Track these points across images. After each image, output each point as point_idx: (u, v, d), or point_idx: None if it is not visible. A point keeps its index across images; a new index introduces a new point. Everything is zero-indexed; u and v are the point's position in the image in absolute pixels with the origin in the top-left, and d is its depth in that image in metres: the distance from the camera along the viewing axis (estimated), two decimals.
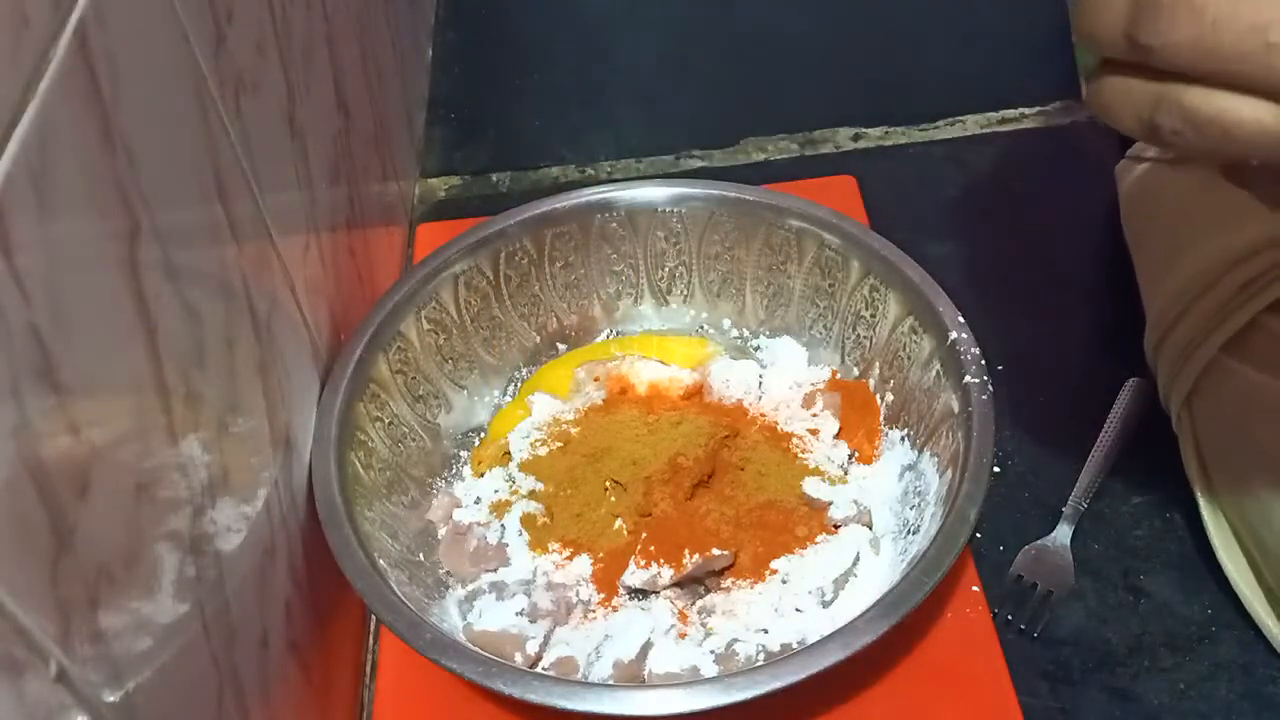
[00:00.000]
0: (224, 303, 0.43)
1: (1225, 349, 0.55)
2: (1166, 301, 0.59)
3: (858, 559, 0.54)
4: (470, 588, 0.56)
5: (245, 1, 0.47)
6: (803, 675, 0.45)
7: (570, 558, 0.56)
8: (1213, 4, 0.30)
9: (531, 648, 0.52)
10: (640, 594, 0.56)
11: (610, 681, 0.51)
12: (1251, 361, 0.54)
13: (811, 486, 0.57)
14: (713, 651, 0.52)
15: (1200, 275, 0.57)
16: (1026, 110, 0.85)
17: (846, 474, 0.60)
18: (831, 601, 0.54)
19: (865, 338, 0.63)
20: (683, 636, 0.54)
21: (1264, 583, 0.55)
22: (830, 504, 0.57)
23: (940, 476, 0.54)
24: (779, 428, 0.61)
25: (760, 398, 0.63)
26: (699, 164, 0.84)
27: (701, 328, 0.69)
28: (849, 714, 0.53)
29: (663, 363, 0.64)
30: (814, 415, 0.61)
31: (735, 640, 0.52)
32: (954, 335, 0.56)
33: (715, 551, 0.55)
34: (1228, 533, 0.57)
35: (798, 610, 0.53)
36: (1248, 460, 0.55)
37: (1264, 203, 0.37)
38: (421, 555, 0.57)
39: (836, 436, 0.61)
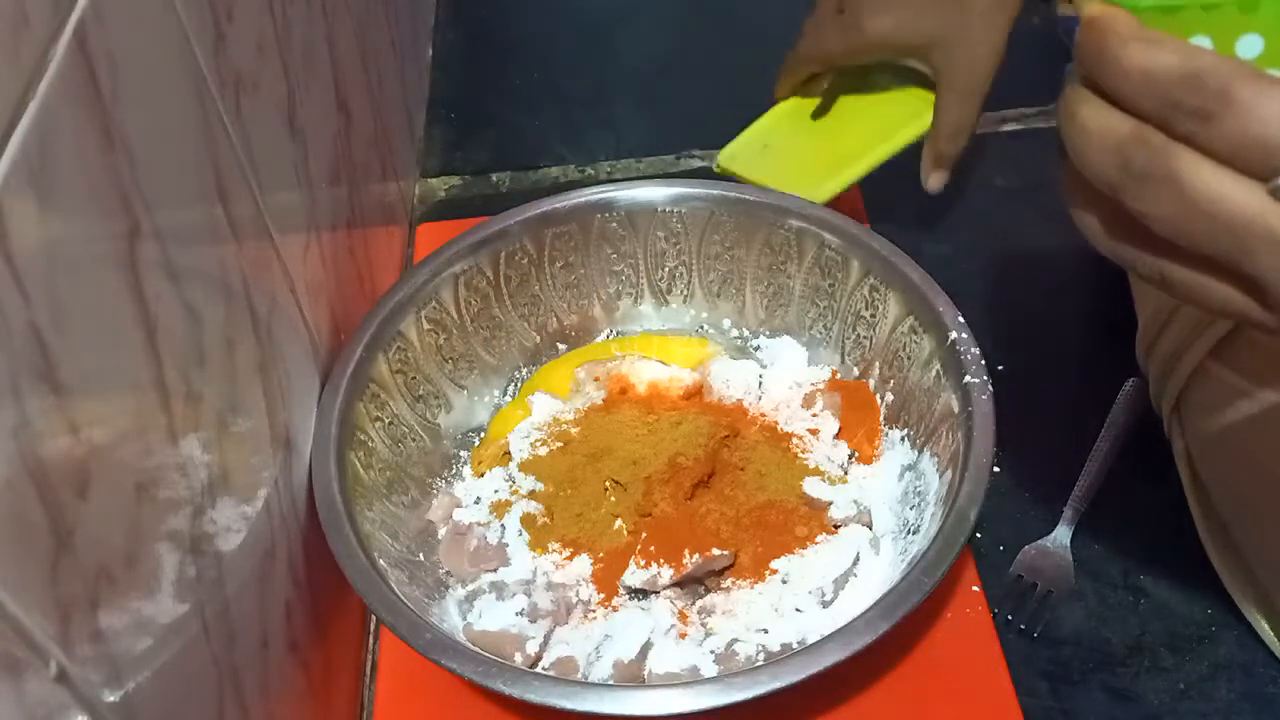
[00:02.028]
0: (224, 303, 0.43)
1: (1211, 355, 0.55)
2: (1155, 308, 0.60)
3: (858, 559, 0.54)
4: (470, 588, 0.56)
5: (245, 1, 0.47)
6: (803, 675, 0.45)
7: (570, 558, 0.56)
8: (1198, 192, 0.31)
9: (531, 648, 0.52)
10: (640, 594, 0.56)
11: (610, 681, 0.51)
12: (1236, 368, 0.54)
13: (811, 486, 0.57)
14: (713, 651, 0.52)
15: None
16: (1026, 110, 0.85)
17: (846, 474, 0.60)
18: (831, 601, 0.54)
19: (865, 338, 0.63)
20: (683, 636, 0.54)
21: (1257, 586, 0.55)
22: (830, 504, 0.57)
23: (940, 476, 0.54)
24: (779, 428, 0.61)
25: (760, 398, 0.63)
26: (699, 164, 0.84)
27: (701, 328, 0.69)
28: (849, 714, 0.53)
29: (663, 363, 0.64)
30: (814, 415, 0.61)
31: (735, 640, 0.52)
32: (954, 335, 0.56)
33: (715, 551, 0.55)
34: (1220, 536, 0.57)
35: (798, 610, 0.53)
36: (1235, 465, 0.55)
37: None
38: (421, 555, 0.57)
39: (836, 436, 0.61)
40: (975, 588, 0.57)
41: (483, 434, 0.64)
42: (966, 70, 0.63)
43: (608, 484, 0.58)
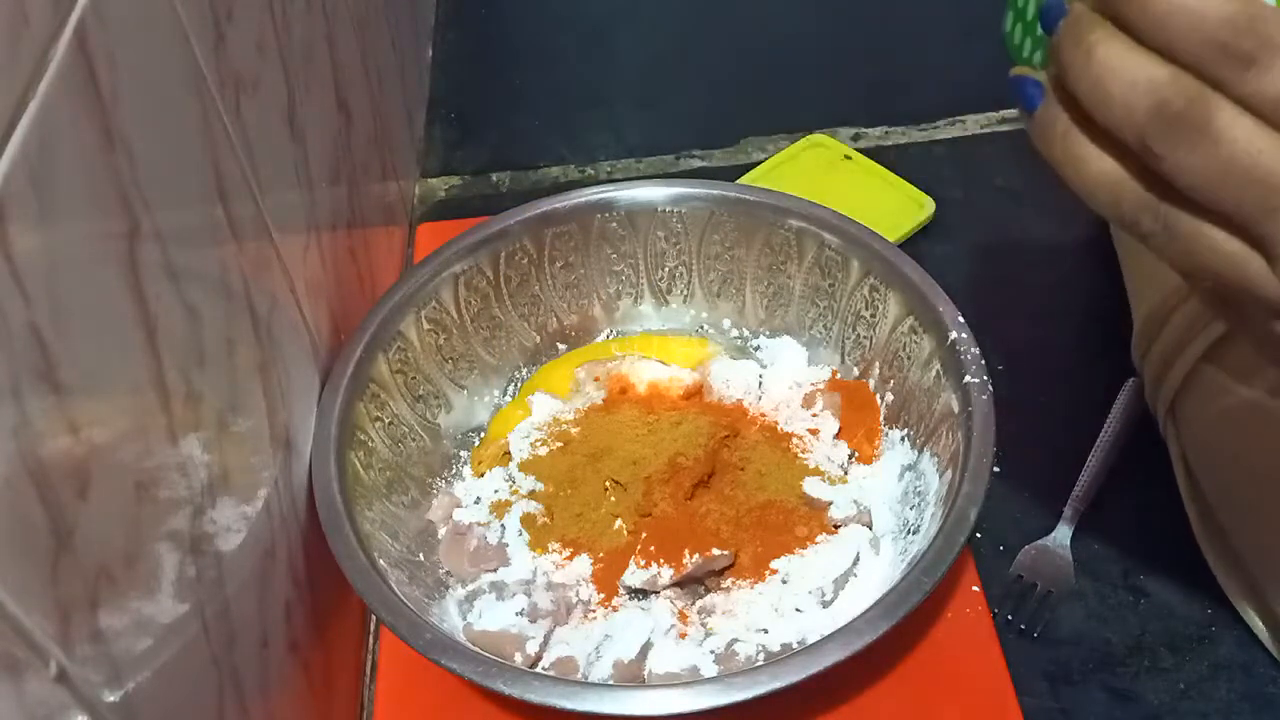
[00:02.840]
0: (224, 303, 0.43)
1: (1205, 358, 0.55)
2: (1150, 310, 0.60)
3: (858, 559, 0.54)
4: (470, 588, 0.56)
5: (245, 1, 0.47)
6: (803, 675, 0.45)
7: (570, 558, 0.56)
8: (1236, 146, 0.30)
9: (531, 648, 0.52)
10: (640, 594, 0.56)
11: (610, 681, 0.51)
12: (1229, 370, 0.54)
13: (811, 486, 0.57)
14: (713, 651, 0.52)
15: (1180, 286, 0.57)
16: None
17: (846, 474, 0.60)
18: (831, 601, 0.54)
19: (865, 338, 0.63)
20: (683, 636, 0.54)
21: (1253, 586, 0.55)
22: (830, 504, 0.57)
23: (940, 476, 0.54)
24: (779, 428, 0.61)
25: (760, 398, 0.63)
26: (699, 164, 0.84)
27: (701, 328, 0.69)
28: (849, 714, 0.53)
29: (663, 363, 0.64)
30: (814, 415, 0.61)
31: (735, 640, 0.52)
32: (954, 335, 0.56)
33: (715, 551, 0.55)
34: (1216, 537, 0.57)
35: (798, 610, 0.53)
36: (1228, 467, 0.55)
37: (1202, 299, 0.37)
38: (421, 555, 0.57)
39: (836, 436, 0.61)
40: (975, 588, 0.57)
41: (483, 434, 0.64)
42: None
43: (608, 484, 0.58)
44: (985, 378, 0.54)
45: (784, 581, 0.55)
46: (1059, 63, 0.32)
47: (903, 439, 0.59)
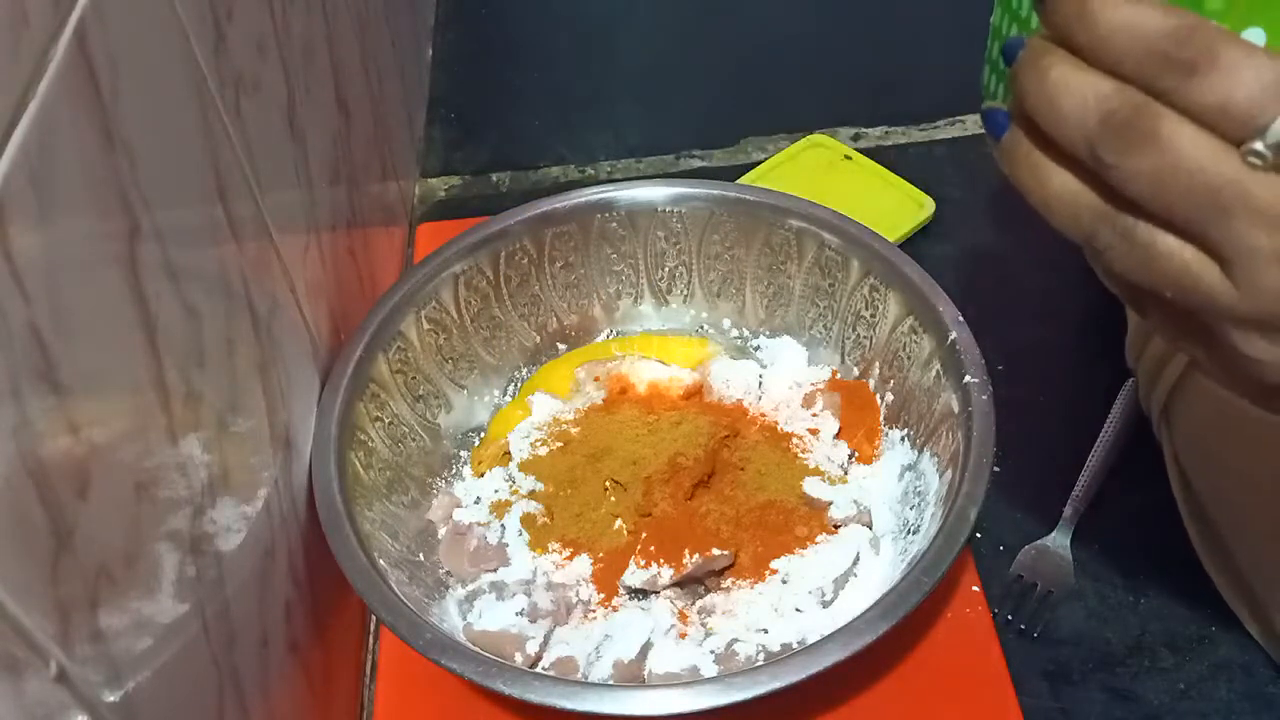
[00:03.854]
0: (224, 303, 0.43)
1: (1194, 363, 0.55)
2: None
3: (858, 559, 0.54)
4: (470, 588, 0.56)
5: (245, 1, 0.47)
6: (803, 675, 0.45)
7: (570, 558, 0.56)
8: (1181, 152, 0.31)
9: (531, 648, 0.52)
10: (640, 594, 0.56)
11: (610, 681, 0.51)
12: None
13: (811, 486, 0.57)
14: (713, 651, 0.52)
15: None
16: None
17: (846, 474, 0.60)
18: (831, 601, 0.54)
19: (865, 338, 0.63)
20: (683, 636, 0.54)
21: (1247, 590, 0.55)
22: (830, 504, 0.57)
23: (940, 476, 0.54)
24: (779, 428, 0.61)
25: (760, 398, 0.63)
26: (699, 164, 0.84)
27: (701, 328, 0.69)
28: (849, 714, 0.53)
29: (663, 363, 0.64)
30: (814, 415, 0.61)
31: (735, 640, 0.52)
32: (954, 335, 0.56)
33: (715, 551, 0.55)
34: (1209, 539, 0.57)
35: (798, 610, 0.53)
36: (1219, 471, 0.55)
37: (1152, 327, 0.38)
38: (421, 555, 0.57)
39: (836, 436, 0.61)
40: (975, 588, 0.57)
41: (483, 434, 0.64)
42: None
43: (608, 484, 0.58)
44: (985, 378, 0.54)
45: (784, 581, 0.55)
46: (1018, 88, 0.34)
47: (903, 439, 0.59)
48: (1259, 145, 0.30)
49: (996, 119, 0.36)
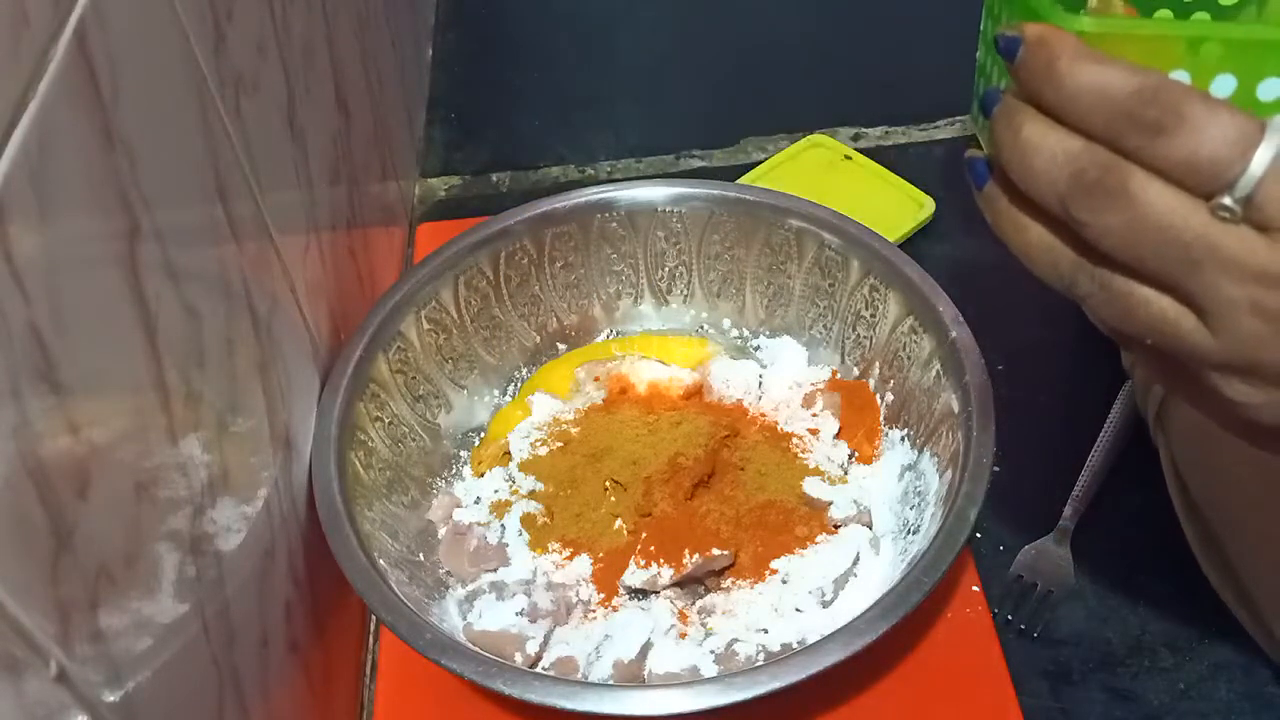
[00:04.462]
0: (224, 303, 0.43)
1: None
2: None
3: (858, 559, 0.54)
4: (470, 588, 0.56)
5: (245, 1, 0.47)
6: (803, 675, 0.45)
7: (570, 558, 0.56)
8: (1150, 207, 0.32)
9: (531, 648, 0.52)
10: (640, 594, 0.56)
11: (610, 681, 0.51)
12: None
13: (811, 486, 0.57)
14: (713, 651, 0.52)
15: None
16: None
17: (846, 474, 0.60)
18: (831, 601, 0.54)
19: (865, 338, 0.63)
20: (683, 636, 0.54)
21: (1243, 590, 0.55)
22: (830, 504, 0.57)
23: (940, 476, 0.54)
24: (779, 428, 0.61)
25: (760, 398, 0.63)
26: (699, 164, 0.84)
27: (701, 328, 0.69)
28: (849, 714, 0.53)
29: (663, 363, 0.64)
30: (814, 415, 0.61)
31: (735, 640, 0.52)
32: (954, 335, 0.56)
33: (715, 551, 0.55)
34: (1206, 542, 0.57)
35: (798, 610, 0.53)
36: (1214, 476, 0.55)
37: (1141, 365, 0.39)
38: (421, 555, 0.57)
39: (836, 436, 0.61)
40: (975, 588, 0.57)
41: (483, 434, 0.64)
42: None
43: (608, 484, 0.58)
44: (985, 378, 0.54)
45: (784, 581, 0.55)
46: (994, 143, 0.35)
47: (903, 439, 0.59)
48: (1227, 200, 0.31)
49: (976, 169, 0.37)
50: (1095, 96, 0.32)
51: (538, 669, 0.52)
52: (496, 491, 0.60)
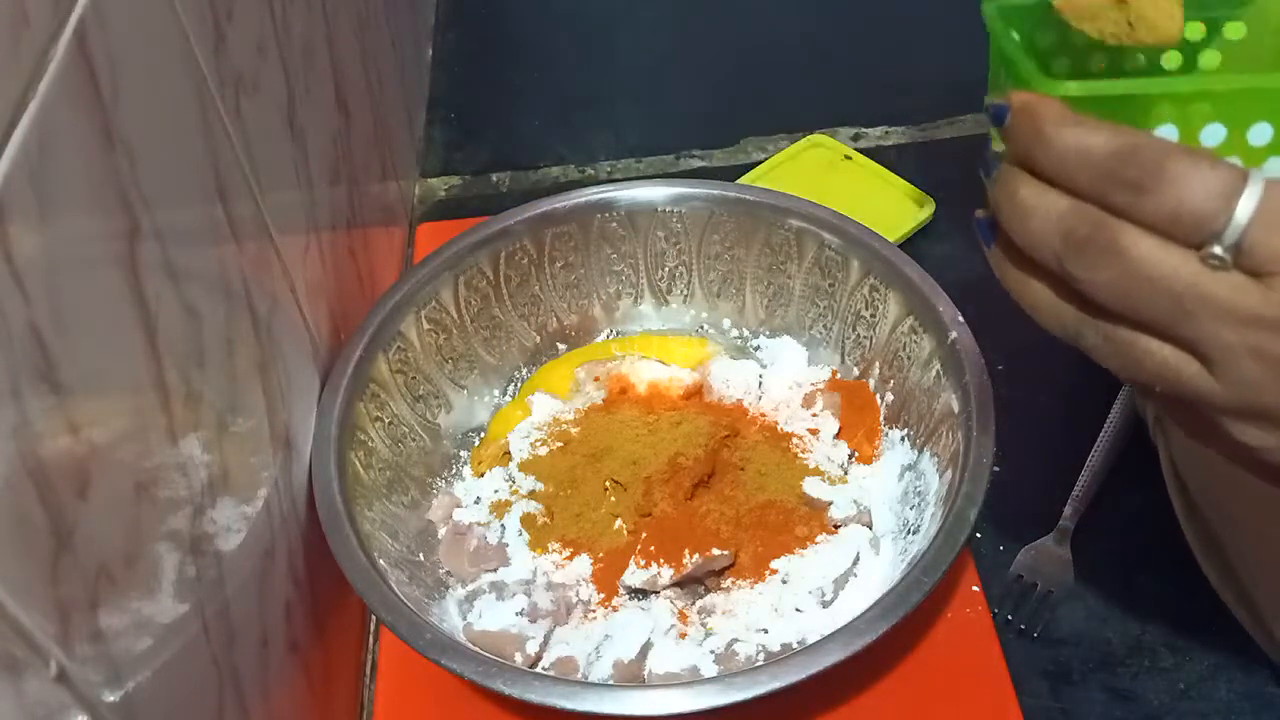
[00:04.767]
0: (224, 303, 0.43)
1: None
2: None
3: (858, 559, 0.54)
4: (470, 588, 0.56)
5: (245, 1, 0.47)
6: (803, 675, 0.45)
7: (570, 558, 0.56)
8: (1141, 261, 0.32)
9: (531, 648, 0.52)
10: (640, 594, 0.56)
11: (610, 681, 0.51)
12: None
13: (811, 486, 0.57)
14: (713, 651, 0.52)
15: None
16: None
17: (846, 474, 0.60)
18: (831, 601, 0.54)
19: (865, 338, 0.63)
20: (683, 636, 0.54)
21: (1243, 590, 0.55)
22: (830, 504, 0.57)
23: (940, 476, 0.54)
24: (779, 428, 0.61)
25: (760, 398, 0.63)
26: (699, 164, 0.84)
27: (701, 328, 0.69)
28: (849, 714, 0.53)
29: (663, 363, 0.64)
30: (814, 415, 0.61)
31: (735, 640, 0.52)
32: (954, 335, 0.56)
33: (715, 551, 0.55)
34: (1206, 544, 0.57)
35: (798, 610, 0.53)
36: (1213, 476, 0.55)
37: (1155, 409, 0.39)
38: (421, 555, 0.57)
39: (836, 436, 0.61)
40: (975, 588, 0.57)
41: (483, 434, 0.64)
42: None
43: (608, 484, 0.58)
44: (985, 378, 0.54)
45: (784, 581, 0.55)
46: (994, 207, 0.36)
47: (903, 439, 0.59)
48: (1216, 249, 0.32)
49: (983, 230, 0.38)
50: (1078, 158, 0.33)
51: (538, 669, 0.52)
52: (496, 491, 0.60)
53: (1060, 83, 0.36)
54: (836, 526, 0.57)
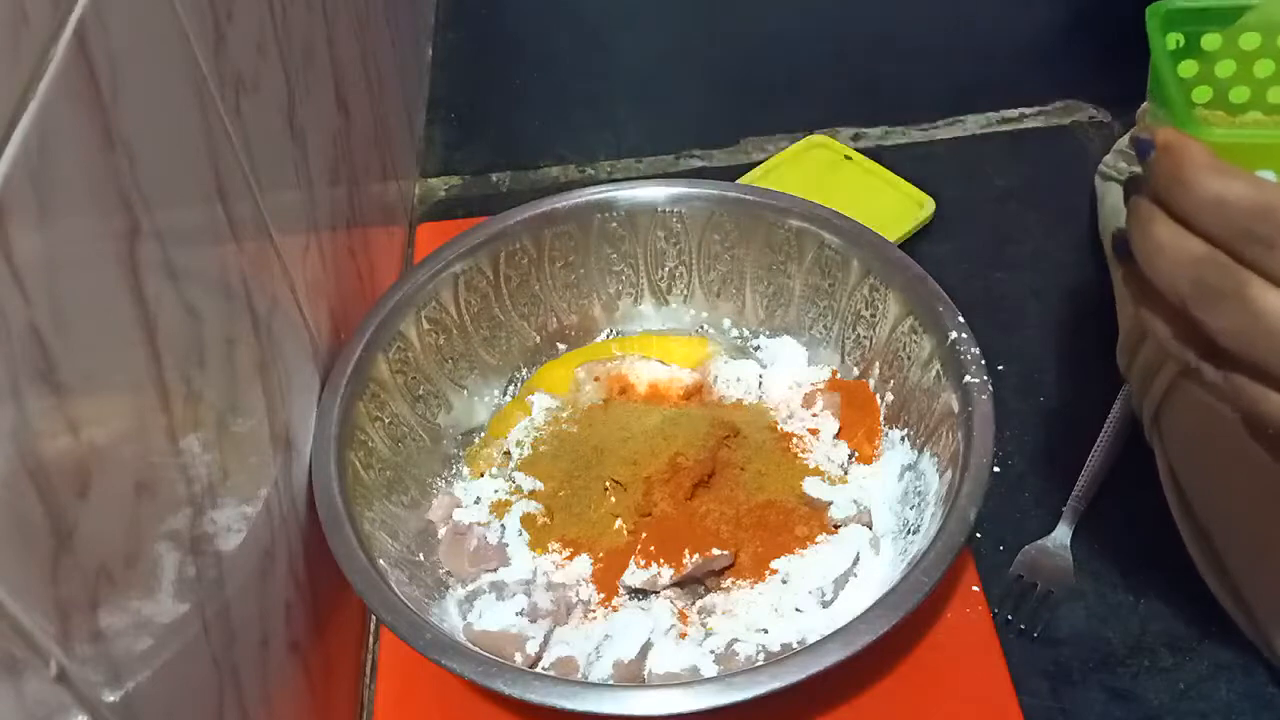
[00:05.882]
0: (224, 303, 0.43)
1: (1184, 373, 0.56)
2: (1131, 324, 0.60)
3: (858, 559, 0.54)
4: (470, 588, 0.56)
5: (245, 1, 0.47)
6: (803, 675, 0.45)
7: (570, 558, 0.56)
8: (1267, 311, 0.34)
9: (531, 648, 0.52)
10: (640, 594, 0.56)
11: (610, 681, 0.51)
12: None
13: (811, 486, 0.57)
14: (713, 651, 0.52)
15: None
16: (1026, 110, 0.85)
17: (846, 474, 0.60)
18: (831, 601, 0.54)
19: (865, 338, 0.63)
20: (683, 636, 0.54)
21: (1239, 594, 0.55)
22: (830, 504, 0.57)
23: (940, 476, 0.54)
24: (779, 428, 0.61)
25: (760, 398, 0.63)
26: (699, 164, 0.84)
27: (701, 328, 0.69)
28: (849, 714, 0.53)
29: (663, 363, 0.64)
30: (814, 415, 0.61)
31: (735, 640, 0.52)
32: (954, 335, 0.56)
33: (715, 551, 0.55)
34: (1203, 545, 0.57)
35: (798, 610, 0.53)
36: (1209, 480, 0.55)
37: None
38: (421, 555, 0.57)
39: (836, 436, 0.61)
40: (975, 588, 0.57)
41: (483, 434, 0.64)
42: None
43: (608, 484, 0.58)
44: (985, 378, 0.54)
45: (784, 581, 0.55)
46: (1129, 234, 0.37)
47: (903, 439, 0.59)
48: None
49: (1121, 248, 0.39)
50: (1215, 208, 0.34)
51: (538, 669, 0.52)
52: (496, 491, 0.60)
53: (1209, 128, 0.36)
54: (836, 526, 0.57)
